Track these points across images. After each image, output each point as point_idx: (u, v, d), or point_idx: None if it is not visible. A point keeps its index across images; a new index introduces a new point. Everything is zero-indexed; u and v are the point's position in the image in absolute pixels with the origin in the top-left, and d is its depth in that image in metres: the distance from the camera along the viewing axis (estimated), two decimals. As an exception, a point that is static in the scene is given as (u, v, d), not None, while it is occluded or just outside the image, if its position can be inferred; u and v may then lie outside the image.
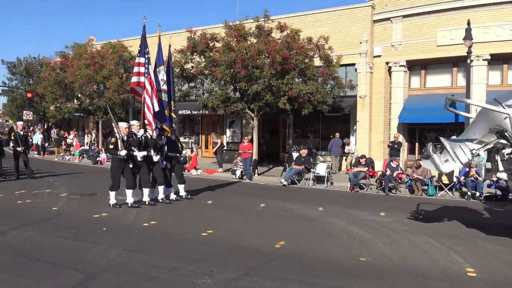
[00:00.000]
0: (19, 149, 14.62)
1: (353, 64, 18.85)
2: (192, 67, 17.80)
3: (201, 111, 20.96)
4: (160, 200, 10.42)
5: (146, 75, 10.66)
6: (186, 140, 25.30)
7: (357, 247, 6.81)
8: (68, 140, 27.24)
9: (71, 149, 25.64)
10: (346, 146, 18.50)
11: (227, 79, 16.80)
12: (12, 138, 15.28)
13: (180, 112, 22.73)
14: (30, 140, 25.03)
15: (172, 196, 10.77)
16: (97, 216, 8.72)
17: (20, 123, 16.48)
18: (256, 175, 16.90)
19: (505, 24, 15.75)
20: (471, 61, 15.17)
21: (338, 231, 7.88)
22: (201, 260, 5.91)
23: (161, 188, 10.47)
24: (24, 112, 31.14)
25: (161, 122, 10.74)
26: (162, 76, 11.08)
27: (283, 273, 5.44)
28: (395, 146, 16.55)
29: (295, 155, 16.69)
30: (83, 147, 24.55)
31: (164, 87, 11.07)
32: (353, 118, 19.37)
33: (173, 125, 11.36)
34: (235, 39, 16.68)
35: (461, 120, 15.43)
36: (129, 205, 9.66)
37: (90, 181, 14.34)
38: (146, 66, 10.74)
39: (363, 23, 18.62)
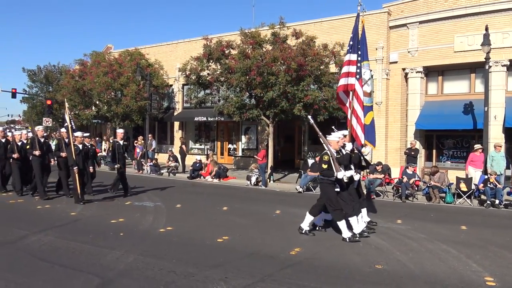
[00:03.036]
0: (117, 166, 12.31)
1: (369, 71, 18.72)
2: (208, 74, 17.96)
3: (216, 117, 21.08)
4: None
5: (357, 76, 8.63)
6: (202, 146, 25.48)
7: (373, 254, 6.76)
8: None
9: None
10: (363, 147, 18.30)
11: (243, 86, 16.90)
12: (110, 149, 12.98)
13: (195, 119, 22.95)
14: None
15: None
16: (114, 222, 8.82)
17: (120, 131, 13.08)
18: (272, 181, 16.90)
19: (524, 29, 15.52)
20: (490, 67, 14.94)
21: (354, 238, 7.82)
22: (216, 266, 5.94)
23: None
24: (44, 119, 31.74)
25: (365, 135, 8.80)
26: (362, 74, 8.92)
27: (299, 280, 5.43)
28: (412, 153, 16.38)
29: (310, 161, 16.64)
30: (101, 153, 24.88)
31: (366, 88, 8.94)
32: (369, 124, 19.21)
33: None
34: (251, 46, 16.80)
35: (480, 127, 15.21)
36: (350, 239, 7.57)
37: (108, 187, 14.51)
38: (359, 65, 8.71)
39: (379, 29, 18.55)
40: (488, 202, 12.13)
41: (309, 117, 8.93)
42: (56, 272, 5.62)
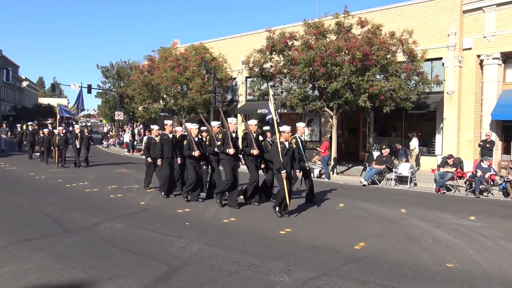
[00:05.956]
0: (302, 164, 9.85)
1: (440, 58, 17.83)
2: (271, 66, 17.96)
3: (279, 109, 21.08)
4: None
5: None
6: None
7: (443, 252, 6.42)
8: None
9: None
10: (410, 142, 17.82)
11: (306, 77, 16.72)
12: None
13: (259, 111, 23.09)
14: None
15: None
16: (181, 211, 9.12)
17: (302, 124, 10.76)
18: (335, 174, 16.63)
19: None
20: None
21: (422, 235, 7.49)
22: (279, 258, 5.94)
23: None
24: (116, 112, 33.49)
25: None
26: None
27: (363, 276, 5.29)
28: (487, 145, 15.35)
29: (375, 154, 16.17)
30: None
31: None
32: (439, 115, 18.32)
33: None
34: (314, 37, 16.54)
35: None
36: None
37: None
38: None
39: (451, 14, 17.53)
40: None
41: None
42: (127, 258, 5.91)
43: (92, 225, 7.73)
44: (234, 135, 9.83)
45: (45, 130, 21.08)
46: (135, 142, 29.82)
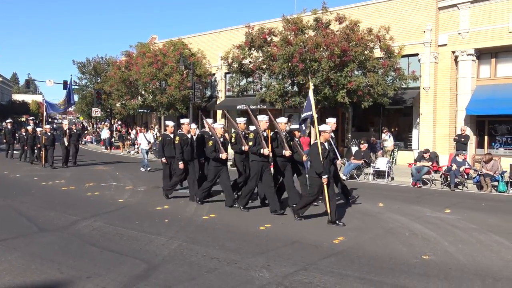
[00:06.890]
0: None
1: (416, 54, 18.12)
2: (250, 62, 17.94)
3: (259, 105, 21.08)
4: None
5: None
6: (245, 134, 25.57)
7: (420, 244, 6.55)
8: (132, 136, 28.24)
9: (136, 144, 26.68)
10: (383, 134, 18.11)
11: (285, 73, 16.77)
12: None
13: (238, 107, 23.06)
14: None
15: None
16: (160, 209, 9.04)
17: (333, 120, 9.47)
18: (314, 169, 16.72)
19: None
20: (549, 47, 14.01)
21: (399, 228, 7.61)
22: (258, 253, 5.95)
23: None
24: (93, 109, 32.95)
25: None
26: None
27: (342, 269, 5.35)
28: (462, 139, 15.70)
29: (354, 149, 16.35)
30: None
31: None
32: (416, 110, 18.64)
33: None
34: (293, 33, 16.60)
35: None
36: None
37: (154, 175, 14.90)
38: None
39: (427, 11, 17.82)
40: (546, 191, 11.46)
41: None
42: (105, 256, 5.83)
43: (69, 224, 7.59)
44: (265, 134, 8.88)
45: (29, 128, 19.36)
46: (113, 139, 29.39)
